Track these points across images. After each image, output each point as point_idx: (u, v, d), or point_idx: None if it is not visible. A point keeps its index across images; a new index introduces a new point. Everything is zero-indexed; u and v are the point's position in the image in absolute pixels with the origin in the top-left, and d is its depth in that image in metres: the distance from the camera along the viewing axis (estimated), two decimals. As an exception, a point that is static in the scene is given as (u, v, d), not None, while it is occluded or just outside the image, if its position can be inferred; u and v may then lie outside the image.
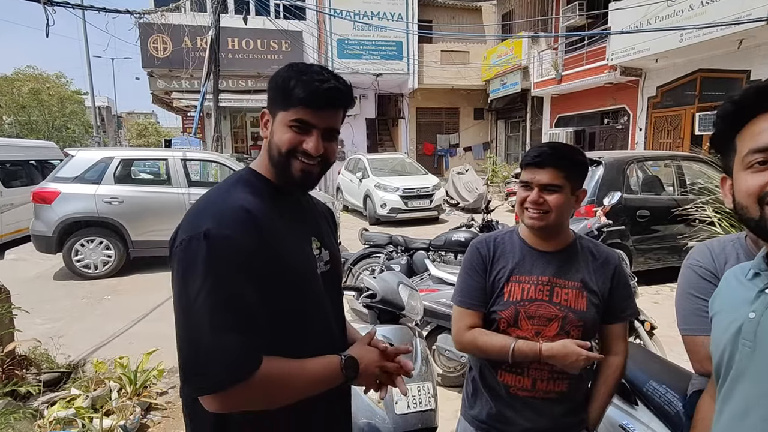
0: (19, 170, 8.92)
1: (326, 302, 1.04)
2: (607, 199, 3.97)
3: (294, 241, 0.98)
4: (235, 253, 0.85)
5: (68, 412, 2.54)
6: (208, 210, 0.89)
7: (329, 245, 1.09)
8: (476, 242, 1.40)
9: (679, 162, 5.87)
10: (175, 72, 13.02)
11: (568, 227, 1.37)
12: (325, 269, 1.05)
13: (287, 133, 0.95)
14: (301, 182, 0.98)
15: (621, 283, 1.32)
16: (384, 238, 4.73)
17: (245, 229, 0.87)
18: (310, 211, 1.10)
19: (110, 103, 41.47)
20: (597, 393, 1.34)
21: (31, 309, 4.76)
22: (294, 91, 0.92)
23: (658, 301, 5.01)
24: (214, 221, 0.86)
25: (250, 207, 0.90)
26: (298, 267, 0.97)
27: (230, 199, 0.92)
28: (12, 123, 25.42)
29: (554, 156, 1.24)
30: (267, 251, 0.89)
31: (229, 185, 0.97)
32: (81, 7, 7.09)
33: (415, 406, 1.78)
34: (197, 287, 0.82)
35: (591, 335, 1.32)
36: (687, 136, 9.59)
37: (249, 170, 1.03)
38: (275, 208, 0.96)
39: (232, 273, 0.84)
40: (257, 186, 0.98)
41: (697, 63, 9.18)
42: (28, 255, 7.10)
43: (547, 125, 14.46)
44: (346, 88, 0.97)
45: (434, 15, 16.84)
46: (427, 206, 10.29)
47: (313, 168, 0.97)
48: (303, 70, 0.94)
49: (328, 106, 0.96)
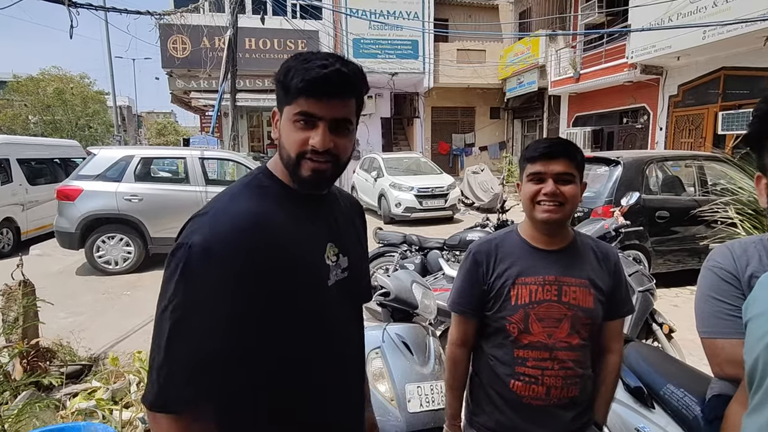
0: (44, 168, 9.18)
1: (338, 314, 0.97)
2: (624, 200, 3.90)
3: (303, 249, 0.90)
4: (218, 271, 0.79)
5: (89, 404, 2.61)
6: (206, 217, 0.84)
7: (350, 249, 1.01)
8: (474, 248, 1.36)
9: (700, 162, 5.73)
10: (193, 72, 13.22)
11: (569, 224, 1.36)
12: (341, 277, 0.97)
13: (293, 130, 0.87)
14: (313, 183, 0.90)
15: (621, 279, 1.33)
16: (398, 237, 4.73)
17: (237, 245, 0.80)
18: (331, 213, 1.01)
19: (131, 103, 42.32)
20: (599, 394, 1.34)
21: (55, 303, 4.90)
22: (293, 81, 0.84)
23: (678, 304, 4.91)
24: (206, 233, 0.80)
25: (252, 217, 0.84)
26: (305, 279, 0.89)
27: (232, 207, 0.85)
28: (37, 122, 26.12)
29: (564, 146, 1.25)
30: (262, 267, 0.82)
31: (239, 189, 0.91)
32: (103, 8, 7.26)
33: (427, 405, 1.79)
34: (170, 299, 0.79)
35: (596, 334, 1.31)
36: (709, 135, 9.36)
37: (263, 170, 0.96)
38: (286, 214, 0.89)
39: (208, 295, 0.79)
40: (268, 189, 0.91)
41: (721, 60, 8.95)
42: (52, 251, 7.30)
43: (565, 124, 14.26)
44: (353, 73, 0.87)
45: (450, 13, 16.75)
46: (441, 206, 10.26)
47: (325, 166, 0.88)
48: (306, 58, 0.86)
49: (334, 95, 0.86)
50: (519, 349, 1.26)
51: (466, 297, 1.35)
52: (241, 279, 0.80)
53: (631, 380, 1.72)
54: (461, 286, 1.36)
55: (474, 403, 1.39)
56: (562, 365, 1.24)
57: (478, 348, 1.39)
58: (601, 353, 1.34)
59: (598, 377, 1.34)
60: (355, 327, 1.06)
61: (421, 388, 1.81)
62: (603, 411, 1.35)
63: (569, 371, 1.24)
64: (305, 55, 0.87)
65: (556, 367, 1.24)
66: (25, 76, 26.12)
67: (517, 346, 1.26)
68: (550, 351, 1.24)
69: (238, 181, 0.95)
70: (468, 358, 1.40)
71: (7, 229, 7.79)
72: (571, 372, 1.25)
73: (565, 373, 1.24)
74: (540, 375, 1.24)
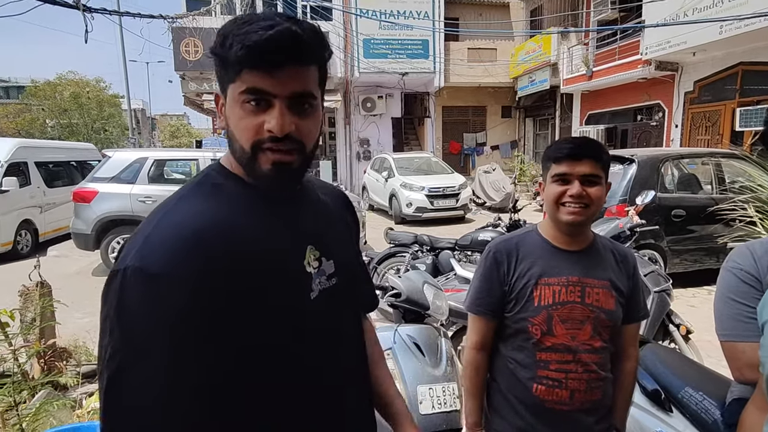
0: (61, 171, 9.36)
1: (326, 336, 0.79)
2: (639, 198, 3.84)
3: (272, 261, 0.72)
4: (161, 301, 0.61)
5: (105, 403, 2.64)
6: (142, 234, 0.66)
7: (335, 250, 0.82)
8: (494, 247, 1.32)
9: (717, 159, 5.62)
10: (205, 74, 13.36)
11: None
12: (327, 285, 0.79)
13: (242, 115, 0.68)
14: (276, 180, 0.71)
15: (638, 282, 1.32)
16: (409, 237, 4.72)
17: (185, 263, 0.62)
18: (305, 209, 0.82)
19: (145, 106, 42.96)
20: (617, 401, 1.31)
21: (71, 303, 4.98)
22: (232, 50, 0.65)
23: (695, 305, 4.82)
24: (143, 252, 0.63)
25: (199, 226, 0.65)
26: (272, 305, 0.70)
27: (177, 214, 0.68)
28: (54, 126, 26.67)
29: (590, 147, 1.22)
30: (225, 285, 0.65)
31: (187, 191, 0.73)
32: (117, 13, 7.38)
33: (439, 407, 1.77)
34: (102, 347, 0.63)
35: (615, 336, 1.29)
36: (726, 132, 9.17)
37: (216, 166, 0.77)
38: (248, 217, 0.71)
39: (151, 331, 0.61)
40: (222, 188, 0.73)
41: (738, 56, 8.76)
42: (69, 252, 7.43)
43: (577, 123, 14.10)
44: (310, 31, 0.68)
45: (461, 12, 16.68)
46: (453, 205, 10.21)
47: (289, 157, 0.69)
48: (246, 20, 0.66)
49: (287, 62, 0.66)
50: (541, 352, 1.23)
51: (485, 297, 1.30)
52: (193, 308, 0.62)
53: (648, 383, 1.69)
54: (480, 286, 1.31)
55: (491, 409, 1.35)
56: (585, 368, 1.21)
57: (496, 351, 1.34)
58: (618, 357, 1.32)
59: (617, 381, 1.31)
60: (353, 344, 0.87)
61: (433, 390, 1.80)
62: (622, 416, 1.33)
63: (593, 374, 1.22)
64: (245, 17, 0.67)
65: (579, 369, 1.21)
66: (43, 80, 26.70)
67: (539, 348, 1.23)
68: (573, 353, 1.21)
69: (188, 181, 0.77)
70: (487, 363, 1.35)
71: (26, 230, 7.95)
72: (595, 375, 1.22)
73: (589, 377, 1.21)
74: (564, 378, 1.21)
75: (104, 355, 0.62)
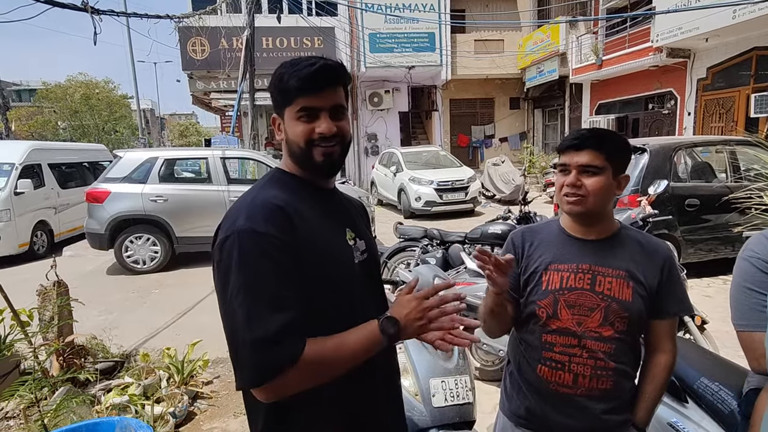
0: (74, 172, 9.49)
1: (365, 291, 1.05)
2: (652, 188, 3.79)
3: (329, 232, 1.00)
4: (269, 246, 0.87)
5: (122, 399, 2.69)
6: (242, 209, 0.93)
7: (364, 235, 1.10)
8: (513, 233, 1.40)
9: (732, 147, 5.51)
10: (213, 73, 13.42)
11: (612, 216, 1.31)
12: (362, 258, 1.06)
13: (299, 125, 0.98)
14: (326, 166, 1.01)
15: (671, 278, 1.25)
16: (419, 231, 4.71)
17: (278, 224, 0.89)
18: (341, 204, 1.12)
19: (154, 106, 43.32)
20: (643, 392, 1.27)
21: (88, 302, 5.06)
22: (290, 84, 0.96)
23: (710, 294, 4.76)
24: (247, 219, 0.89)
25: (280, 203, 0.93)
26: (335, 258, 0.98)
27: (261, 196, 0.95)
28: (66, 128, 27.01)
29: (593, 137, 1.21)
30: (302, 244, 0.91)
31: (262, 185, 1.01)
32: (125, 14, 7.43)
33: (452, 399, 1.78)
34: (234, 283, 0.86)
35: (638, 329, 1.26)
36: (741, 119, 8.99)
37: (278, 170, 1.07)
38: (306, 203, 0.99)
39: (267, 266, 0.86)
40: (287, 183, 1.01)
41: (753, 40, 8.57)
42: (84, 251, 7.55)
43: (587, 113, 13.93)
44: (336, 64, 1.01)
45: (467, 4, 16.52)
46: (462, 199, 10.17)
47: (334, 149, 1.00)
48: (294, 63, 0.98)
49: (326, 86, 0.98)
50: (547, 334, 1.26)
51: None
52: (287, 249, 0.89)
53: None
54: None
55: (506, 391, 1.41)
56: (591, 354, 1.22)
57: (512, 336, 1.41)
58: (650, 352, 1.29)
59: (644, 376, 1.28)
60: (380, 304, 1.12)
61: (446, 383, 1.80)
62: (644, 414, 1.26)
63: (599, 362, 1.21)
64: (292, 61, 0.99)
65: (584, 355, 1.22)
66: (54, 83, 27.01)
67: (545, 330, 1.26)
68: (578, 339, 1.23)
69: (258, 180, 1.05)
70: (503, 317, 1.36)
71: (41, 231, 8.09)
72: (602, 363, 1.21)
73: (595, 363, 1.21)
74: (567, 361, 1.23)
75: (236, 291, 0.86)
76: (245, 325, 0.84)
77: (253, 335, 0.83)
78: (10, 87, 40.62)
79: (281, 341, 0.84)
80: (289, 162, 1.04)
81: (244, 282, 0.85)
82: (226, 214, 0.95)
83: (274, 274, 0.87)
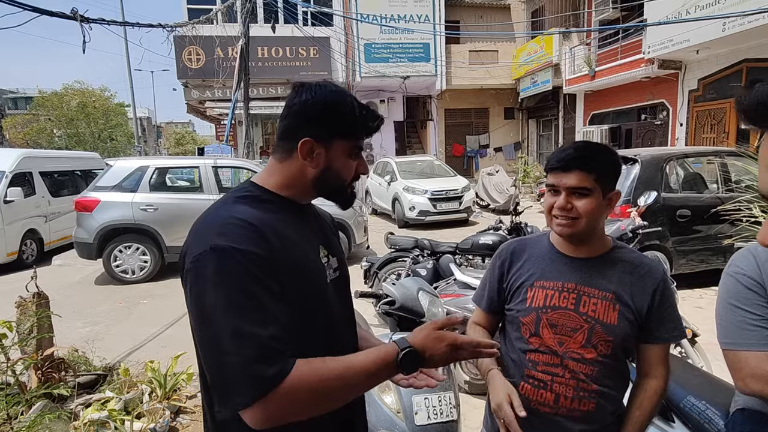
0: (66, 180, 9.41)
1: (337, 310, 1.04)
2: (642, 199, 3.79)
3: (303, 252, 0.97)
4: (250, 264, 0.83)
5: (101, 415, 2.62)
6: (212, 226, 0.89)
7: (336, 251, 1.11)
8: (503, 246, 1.41)
9: (723, 158, 5.53)
10: (208, 82, 13.44)
11: (604, 234, 1.27)
12: (334, 276, 1.05)
13: (351, 161, 1.02)
14: (352, 199, 1.08)
15: (663, 302, 1.20)
16: (410, 241, 4.68)
17: (255, 242, 0.86)
18: (316, 220, 1.11)
19: (150, 114, 43.34)
20: (630, 417, 1.21)
21: (73, 312, 4.99)
22: (366, 122, 1.00)
23: (702, 306, 4.73)
24: (220, 235, 0.85)
25: (252, 220, 0.89)
26: (311, 278, 0.97)
27: (233, 212, 0.91)
28: (62, 136, 26.93)
29: (580, 157, 1.16)
30: (279, 263, 0.88)
31: (232, 199, 0.96)
32: (116, 23, 7.42)
33: (436, 417, 1.73)
34: (215, 303, 0.81)
35: (625, 353, 1.22)
36: (732, 130, 9.07)
37: (250, 184, 1.02)
38: (283, 221, 0.96)
39: (250, 284, 0.83)
40: (264, 199, 0.97)
41: (743, 53, 8.67)
42: (73, 261, 7.45)
43: (581, 123, 14.01)
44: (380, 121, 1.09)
45: (461, 15, 16.68)
46: (456, 208, 10.16)
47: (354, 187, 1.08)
48: (360, 102, 1.02)
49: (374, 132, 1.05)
50: (530, 352, 1.24)
51: (482, 290, 1.41)
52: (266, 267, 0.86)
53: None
54: (483, 279, 1.43)
55: (490, 407, 1.36)
56: (573, 375, 1.18)
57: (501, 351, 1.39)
58: (640, 376, 1.25)
59: (632, 400, 1.23)
60: (350, 325, 1.13)
61: (429, 400, 1.76)
62: None
63: (582, 383, 1.18)
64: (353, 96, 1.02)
65: (567, 375, 1.19)
66: (50, 91, 26.99)
67: (528, 348, 1.24)
68: (560, 359, 1.20)
69: (225, 195, 1.00)
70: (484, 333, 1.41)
71: (31, 240, 8.00)
72: (584, 384, 1.18)
73: (577, 384, 1.18)
74: (549, 381, 1.20)
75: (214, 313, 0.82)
76: (232, 343, 0.79)
77: (242, 353, 0.78)
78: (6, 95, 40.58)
79: (271, 357, 0.80)
80: (277, 179, 1.00)
81: (226, 302, 0.81)
82: (193, 231, 0.90)
83: (257, 292, 0.83)
